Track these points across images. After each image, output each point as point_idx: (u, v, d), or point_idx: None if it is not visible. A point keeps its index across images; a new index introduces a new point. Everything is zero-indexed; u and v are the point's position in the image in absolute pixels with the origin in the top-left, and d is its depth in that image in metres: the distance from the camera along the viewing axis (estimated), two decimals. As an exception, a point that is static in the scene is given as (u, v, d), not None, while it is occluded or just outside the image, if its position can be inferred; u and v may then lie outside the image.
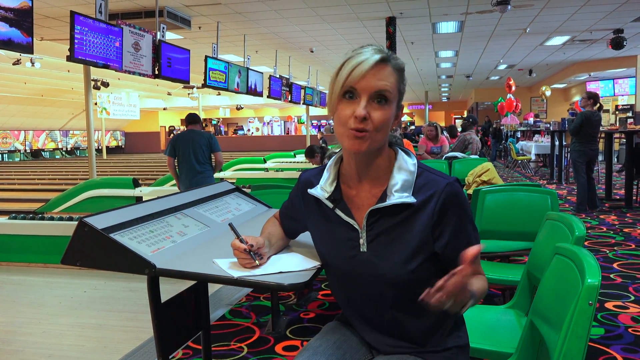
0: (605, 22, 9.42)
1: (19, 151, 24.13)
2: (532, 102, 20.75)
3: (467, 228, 1.17)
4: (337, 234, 1.23)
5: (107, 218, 1.39)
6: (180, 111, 30.58)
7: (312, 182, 1.29)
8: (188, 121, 5.42)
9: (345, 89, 1.11)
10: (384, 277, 1.18)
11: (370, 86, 1.10)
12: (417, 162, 1.21)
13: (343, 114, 1.12)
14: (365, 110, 1.09)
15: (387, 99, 1.11)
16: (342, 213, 1.22)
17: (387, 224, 1.18)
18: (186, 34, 9.23)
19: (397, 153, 1.22)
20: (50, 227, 4.69)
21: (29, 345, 2.89)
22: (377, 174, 1.19)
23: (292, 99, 12.63)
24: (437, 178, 1.17)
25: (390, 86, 1.12)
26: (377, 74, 1.10)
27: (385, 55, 1.13)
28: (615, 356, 2.45)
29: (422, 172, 1.19)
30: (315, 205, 1.28)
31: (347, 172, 1.23)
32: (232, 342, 2.72)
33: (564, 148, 9.45)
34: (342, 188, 1.24)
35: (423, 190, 1.16)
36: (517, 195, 2.74)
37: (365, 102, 1.10)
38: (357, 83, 1.10)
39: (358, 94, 1.11)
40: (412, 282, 1.18)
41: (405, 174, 1.17)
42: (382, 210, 1.17)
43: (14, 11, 4.77)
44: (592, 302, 1.05)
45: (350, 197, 1.23)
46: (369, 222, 1.19)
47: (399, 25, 8.94)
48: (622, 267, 3.95)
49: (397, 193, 1.15)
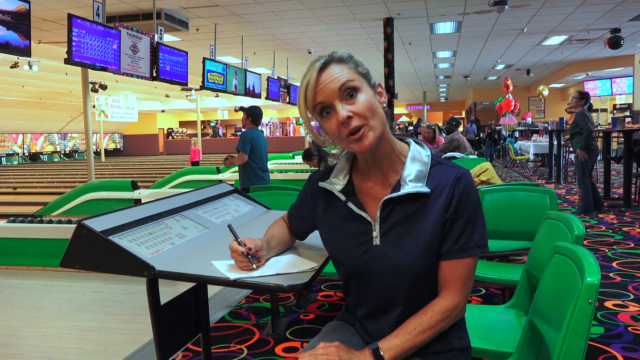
0: (603, 21, 9.44)
1: (17, 154, 24.11)
2: (530, 101, 20.78)
3: (476, 219, 1.16)
4: (349, 229, 1.23)
5: (106, 220, 1.38)
6: (179, 113, 30.58)
7: (323, 179, 1.30)
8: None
9: (318, 109, 1.14)
10: (398, 268, 1.17)
11: (331, 90, 1.11)
12: (430, 153, 1.22)
13: (331, 130, 1.14)
14: (345, 111, 1.10)
15: (354, 88, 1.12)
16: (354, 206, 1.22)
17: (401, 214, 1.17)
18: (184, 36, 9.23)
19: (409, 145, 1.23)
20: (49, 230, 4.68)
21: (28, 349, 2.88)
22: (390, 165, 1.20)
23: (291, 100, 12.64)
24: (451, 169, 1.18)
25: (349, 76, 1.12)
26: (327, 77, 1.12)
27: (324, 60, 1.15)
28: (615, 355, 2.45)
29: (435, 163, 1.20)
30: (325, 202, 1.29)
31: (361, 167, 1.24)
32: (232, 344, 2.71)
33: (562, 147, 9.47)
34: (355, 182, 1.25)
35: (437, 181, 1.17)
36: (516, 194, 2.74)
37: (340, 105, 1.11)
38: (319, 96, 1.12)
39: (329, 103, 1.12)
40: (425, 273, 1.17)
41: (419, 165, 1.18)
42: (396, 200, 1.17)
43: (11, 14, 4.77)
44: (592, 300, 1.05)
45: (363, 190, 1.23)
46: (383, 214, 1.18)
47: (397, 26, 8.95)
48: (621, 265, 3.95)
49: (411, 183, 1.16)
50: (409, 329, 1.13)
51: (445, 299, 1.16)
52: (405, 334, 1.13)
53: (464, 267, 1.16)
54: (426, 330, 1.13)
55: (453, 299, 1.16)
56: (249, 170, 5.10)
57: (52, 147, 26.14)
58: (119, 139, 30.21)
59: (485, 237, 1.17)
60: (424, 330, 1.13)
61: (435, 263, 1.17)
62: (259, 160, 5.12)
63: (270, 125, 31.62)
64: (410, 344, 1.12)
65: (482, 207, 1.19)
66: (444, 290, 1.17)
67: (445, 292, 1.17)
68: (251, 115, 5.12)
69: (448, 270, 1.16)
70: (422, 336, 1.13)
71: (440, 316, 1.14)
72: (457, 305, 1.16)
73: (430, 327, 1.14)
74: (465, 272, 1.16)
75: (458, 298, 1.16)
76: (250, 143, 5.00)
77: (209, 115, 30.61)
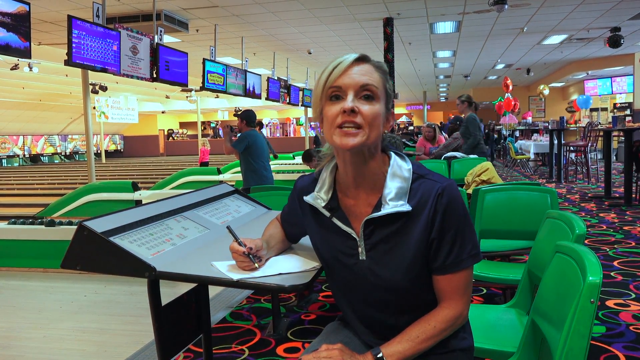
0: (602, 20, 9.44)
1: (18, 156, 24.12)
2: (530, 101, 20.76)
3: (465, 231, 1.15)
4: (335, 242, 1.22)
5: (106, 221, 1.38)
6: (179, 114, 30.58)
7: (308, 190, 1.28)
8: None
9: (330, 90, 1.11)
10: (385, 284, 1.17)
11: (354, 82, 1.10)
12: (412, 166, 1.18)
13: (330, 113, 1.11)
14: (353, 103, 1.09)
15: (373, 94, 1.11)
16: (339, 222, 1.20)
17: (383, 232, 1.16)
18: (184, 37, 9.23)
19: (390, 158, 1.19)
20: (49, 231, 4.67)
21: (29, 351, 2.88)
22: (372, 180, 1.17)
23: (291, 100, 12.64)
24: (433, 183, 1.15)
25: (375, 82, 1.11)
26: (359, 70, 1.11)
27: (364, 55, 1.14)
28: (617, 354, 2.45)
29: (417, 178, 1.16)
30: (312, 212, 1.27)
31: (343, 180, 1.21)
32: (233, 345, 2.71)
33: (563, 147, 9.47)
34: (339, 196, 1.22)
35: (419, 197, 1.14)
36: (516, 194, 2.73)
37: (352, 96, 1.10)
38: (340, 80, 1.10)
39: (343, 91, 1.10)
40: (413, 288, 1.17)
41: (399, 181, 1.15)
42: (378, 219, 1.15)
43: (11, 16, 4.77)
44: (594, 299, 1.05)
45: (347, 205, 1.21)
46: (366, 232, 1.17)
47: (397, 25, 8.95)
48: (623, 264, 3.94)
49: (391, 202, 1.13)
50: (412, 336, 1.13)
51: (447, 309, 1.16)
52: (408, 341, 1.12)
53: (460, 279, 1.15)
54: (429, 339, 1.13)
55: (455, 308, 1.16)
56: (249, 170, 5.22)
57: (53, 148, 26.16)
58: (119, 140, 30.22)
59: (477, 246, 1.17)
60: (427, 338, 1.13)
61: (423, 278, 1.17)
62: (258, 160, 5.21)
63: (271, 125, 31.61)
64: (413, 351, 1.12)
65: (469, 216, 1.18)
66: (445, 301, 1.17)
67: (446, 303, 1.16)
68: (245, 119, 5.26)
69: (445, 283, 1.16)
70: (425, 344, 1.13)
71: (443, 325, 1.15)
72: (460, 315, 1.16)
73: (433, 335, 1.14)
74: (462, 283, 1.16)
75: (460, 307, 1.16)
76: (245, 143, 5.11)
77: (209, 116, 30.62)
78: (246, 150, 5.13)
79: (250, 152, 5.14)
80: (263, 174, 5.21)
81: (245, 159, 5.18)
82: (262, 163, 5.23)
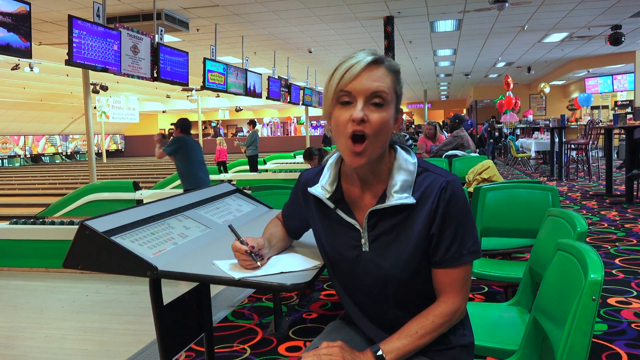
0: (603, 18, 9.42)
1: (19, 156, 24.15)
2: (531, 99, 20.74)
3: (466, 227, 1.16)
4: (339, 233, 1.23)
5: (108, 221, 1.39)
6: (180, 114, 30.56)
7: (313, 182, 1.28)
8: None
9: (340, 94, 1.10)
10: (387, 276, 1.18)
11: (365, 88, 1.09)
12: (417, 160, 1.20)
13: (340, 119, 1.11)
14: (362, 112, 1.08)
15: (384, 100, 1.10)
16: (343, 213, 1.21)
17: (387, 224, 1.17)
18: (184, 36, 9.23)
19: (396, 152, 1.20)
20: (51, 231, 4.68)
21: (31, 350, 2.88)
22: (378, 173, 1.18)
23: (291, 99, 12.63)
24: (437, 177, 1.16)
25: (386, 87, 1.11)
26: (371, 75, 1.10)
27: (378, 57, 1.12)
28: (618, 352, 2.45)
29: (422, 171, 1.18)
30: (316, 204, 1.28)
31: (348, 171, 1.22)
32: (235, 344, 2.71)
33: (564, 145, 9.46)
34: (344, 188, 1.23)
35: (423, 190, 1.16)
36: (517, 192, 2.73)
37: (362, 104, 1.09)
38: (352, 86, 1.09)
39: (353, 97, 1.09)
40: (414, 281, 1.18)
41: (405, 174, 1.17)
42: (382, 211, 1.17)
43: (11, 16, 4.78)
44: (596, 297, 1.05)
45: (352, 197, 1.22)
46: (370, 223, 1.18)
47: (397, 24, 8.94)
48: (624, 262, 3.94)
49: (396, 194, 1.15)
50: (410, 331, 1.14)
51: (445, 304, 1.16)
52: (407, 337, 1.13)
53: (458, 274, 1.16)
54: (428, 334, 1.14)
55: (453, 302, 1.16)
56: (185, 172, 5.57)
57: (54, 148, 26.18)
58: (120, 140, 30.23)
59: (477, 242, 1.17)
60: (426, 333, 1.14)
61: (423, 271, 1.18)
62: (192, 162, 5.55)
63: (272, 124, 31.63)
64: (412, 347, 1.13)
65: (471, 213, 1.18)
66: (443, 295, 1.18)
67: (444, 297, 1.17)
68: (180, 127, 5.68)
69: (443, 277, 1.17)
70: (424, 339, 1.14)
71: (441, 320, 1.15)
72: (457, 309, 1.17)
73: (432, 330, 1.14)
74: (461, 278, 1.17)
75: (458, 302, 1.17)
76: (174, 146, 5.47)
77: (210, 115, 30.62)
78: (179, 154, 5.48)
79: (183, 155, 5.49)
80: (198, 175, 5.56)
81: (180, 162, 5.53)
82: (196, 165, 5.58)
